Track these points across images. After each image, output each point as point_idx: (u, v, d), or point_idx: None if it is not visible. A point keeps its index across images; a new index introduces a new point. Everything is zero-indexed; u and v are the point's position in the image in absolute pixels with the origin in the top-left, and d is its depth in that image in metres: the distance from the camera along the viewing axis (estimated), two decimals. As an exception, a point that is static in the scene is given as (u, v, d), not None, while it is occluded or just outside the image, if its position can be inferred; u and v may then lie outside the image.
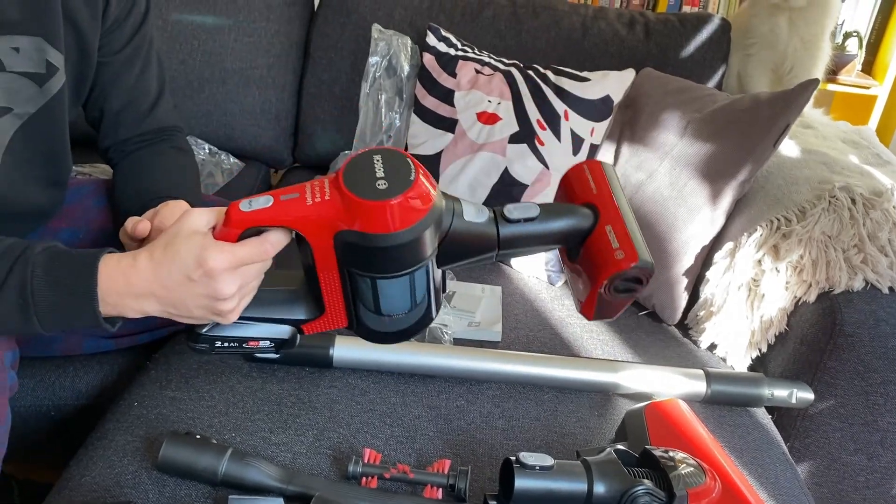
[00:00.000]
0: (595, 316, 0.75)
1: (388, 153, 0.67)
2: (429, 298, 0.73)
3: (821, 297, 1.07)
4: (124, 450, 0.84)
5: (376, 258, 0.66)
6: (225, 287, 0.68)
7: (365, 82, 1.50)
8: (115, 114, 1.03)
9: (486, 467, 0.88)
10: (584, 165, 0.78)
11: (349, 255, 0.66)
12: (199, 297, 0.69)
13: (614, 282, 0.70)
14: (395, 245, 0.64)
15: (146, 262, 0.70)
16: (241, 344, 0.75)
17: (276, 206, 0.67)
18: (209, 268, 0.67)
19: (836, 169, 1.21)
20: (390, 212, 0.63)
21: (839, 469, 1.11)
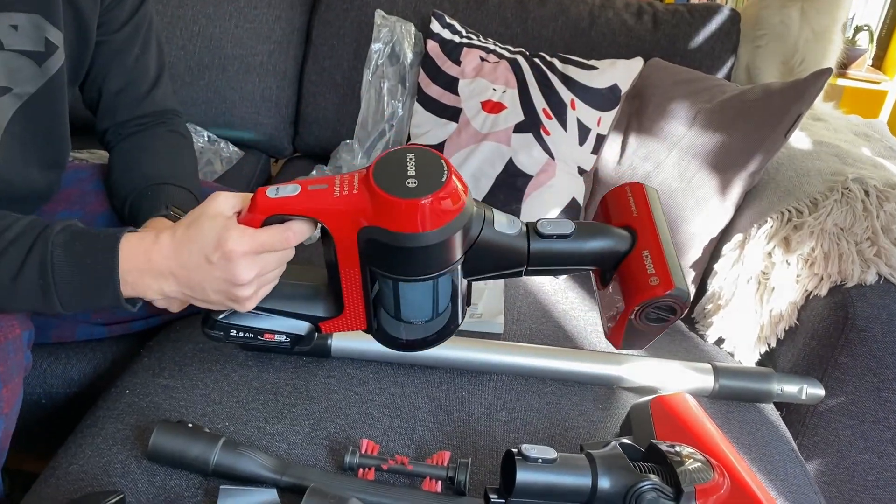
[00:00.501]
0: (623, 344, 0.73)
1: (421, 152, 0.64)
2: (453, 309, 0.70)
3: (832, 291, 1.05)
4: (114, 438, 0.82)
5: (400, 259, 0.63)
6: (243, 272, 0.66)
7: (367, 70, 1.47)
8: (113, 95, 1.00)
9: (486, 460, 0.85)
10: (627, 187, 0.75)
11: (373, 253, 0.64)
12: (216, 280, 0.67)
13: (646, 309, 0.68)
14: (421, 247, 0.62)
15: (168, 240, 0.69)
16: (257, 336, 0.72)
17: (303, 195, 0.65)
18: (228, 249, 0.65)
19: (848, 161, 1.18)
20: (419, 211, 0.60)
21: (848, 467, 1.08)
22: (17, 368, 0.78)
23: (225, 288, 0.67)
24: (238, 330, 0.72)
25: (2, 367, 0.76)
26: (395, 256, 0.63)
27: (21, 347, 0.79)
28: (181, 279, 0.69)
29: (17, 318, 0.78)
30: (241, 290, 0.67)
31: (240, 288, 0.67)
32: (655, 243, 0.69)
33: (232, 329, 0.72)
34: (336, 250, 0.66)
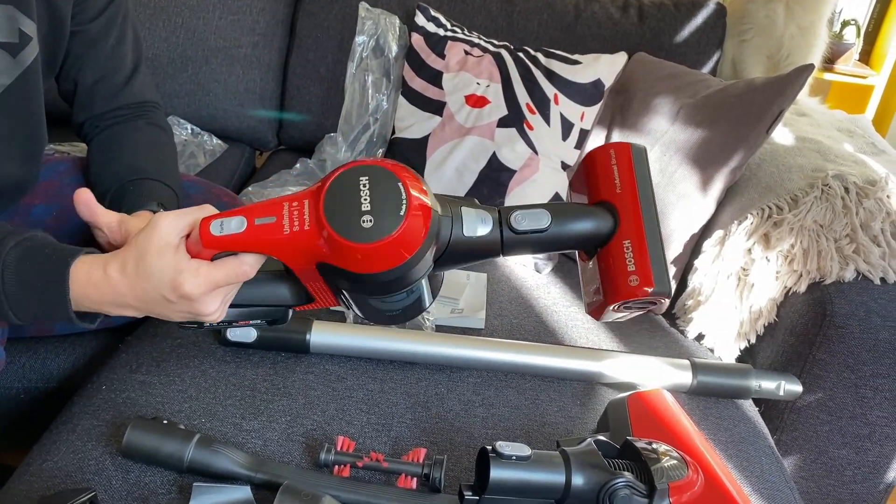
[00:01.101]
0: (603, 319, 0.71)
1: (376, 173, 0.60)
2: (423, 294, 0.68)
3: (811, 288, 1.05)
4: (89, 434, 0.82)
5: (364, 287, 0.62)
6: (205, 307, 0.66)
7: (351, 63, 1.46)
8: (89, 86, 0.99)
9: (463, 456, 0.85)
10: (612, 150, 0.70)
11: (335, 279, 0.62)
12: (180, 312, 0.68)
13: (626, 303, 0.67)
14: (381, 280, 0.60)
15: (118, 275, 0.67)
16: (231, 322, 0.72)
17: (250, 232, 0.62)
18: (185, 293, 0.64)
19: (829, 157, 1.18)
20: (378, 254, 0.57)
21: (826, 463, 1.09)
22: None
23: (190, 315, 0.68)
24: (209, 323, 0.71)
25: None
26: (360, 284, 0.61)
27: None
28: (141, 308, 0.69)
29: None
30: (206, 316, 0.68)
31: (205, 316, 0.68)
32: (638, 231, 0.65)
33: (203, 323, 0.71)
34: (296, 275, 0.65)
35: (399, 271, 0.59)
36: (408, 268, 0.59)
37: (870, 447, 1.06)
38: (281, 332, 0.97)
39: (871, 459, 1.07)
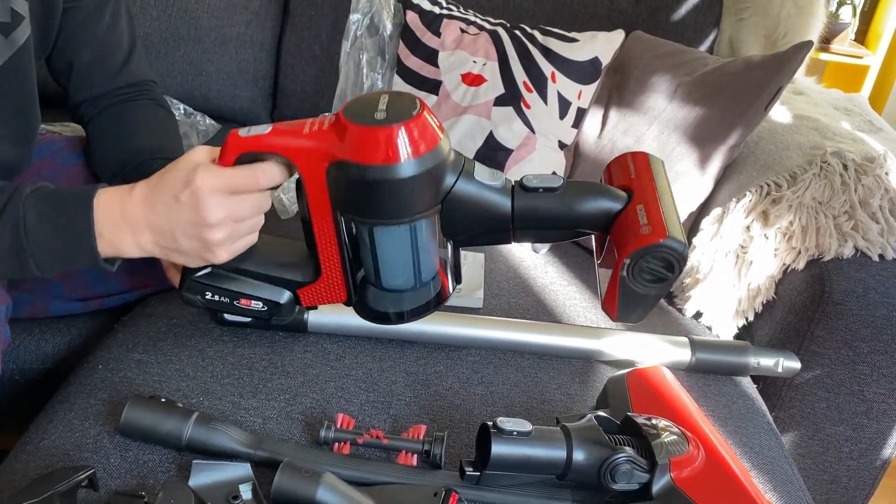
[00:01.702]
0: (619, 313, 0.68)
1: (396, 94, 0.63)
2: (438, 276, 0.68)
3: (810, 265, 1.05)
4: (86, 413, 0.81)
5: (369, 197, 0.61)
6: (211, 211, 0.65)
7: (346, 41, 1.45)
8: (86, 66, 0.98)
9: (463, 433, 0.85)
10: (629, 155, 0.72)
11: (343, 193, 0.63)
12: (186, 224, 0.66)
13: (639, 262, 0.63)
14: (390, 180, 0.60)
15: (142, 188, 0.68)
16: (233, 300, 0.71)
17: (273, 133, 0.64)
18: (195, 186, 0.64)
19: (828, 135, 1.18)
20: (386, 139, 0.59)
21: (823, 439, 1.09)
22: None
23: (195, 232, 0.66)
24: (214, 292, 0.71)
25: None
26: (365, 194, 0.61)
27: (1, 321, 0.78)
28: (154, 227, 0.68)
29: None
30: (211, 233, 0.66)
31: (209, 230, 0.66)
32: (652, 198, 0.65)
33: (207, 291, 0.71)
34: (307, 196, 0.65)
35: (406, 168, 0.59)
36: (410, 171, 0.60)
37: (867, 423, 1.06)
38: (278, 311, 0.96)
39: (867, 436, 1.07)
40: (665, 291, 0.66)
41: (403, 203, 0.62)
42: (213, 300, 0.71)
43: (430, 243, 0.65)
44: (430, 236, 0.65)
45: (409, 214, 0.62)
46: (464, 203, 0.64)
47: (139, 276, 1.03)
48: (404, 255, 0.65)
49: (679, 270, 0.63)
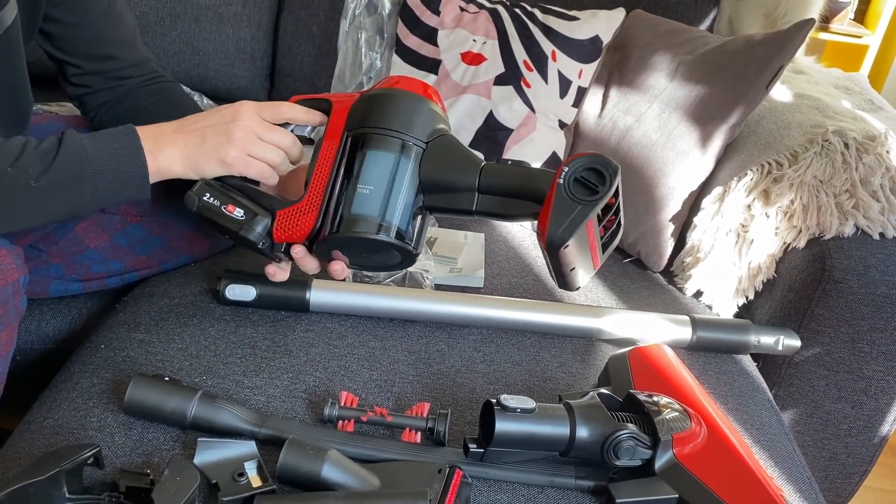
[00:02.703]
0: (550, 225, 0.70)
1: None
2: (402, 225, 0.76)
3: (810, 243, 1.05)
4: (90, 392, 0.81)
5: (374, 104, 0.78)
6: (244, 115, 0.80)
7: (344, 20, 1.44)
8: (91, 48, 0.96)
9: (465, 411, 0.85)
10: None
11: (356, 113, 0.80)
12: (218, 123, 0.80)
13: (576, 169, 0.70)
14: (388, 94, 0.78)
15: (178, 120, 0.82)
16: (222, 205, 0.81)
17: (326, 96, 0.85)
18: (238, 104, 0.81)
19: (828, 113, 1.18)
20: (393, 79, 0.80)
21: (822, 417, 1.10)
22: (14, 312, 0.78)
23: (223, 128, 0.79)
24: (212, 195, 0.81)
25: (1, 310, 0.75)
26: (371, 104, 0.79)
27: (19, 291, 0.78)
28: (188, 132, 0.80)
29: (15, 261, 0.78)
30: (236, 128, 0.79)
31: (236, 125, 0.79)
32: None
33: (207, 192, 0.81)
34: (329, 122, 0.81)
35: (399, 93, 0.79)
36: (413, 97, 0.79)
37: (865, 401, 1.07)
38: (280, 290, 0.96)
39: (866, 413, 1.08)
40: (591, 210, 0.70)
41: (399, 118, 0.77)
42: (207, 202, 0.81)
43: (405, 185, 0.76)
44: (409, 178, 0.77)
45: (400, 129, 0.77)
46: (445, 150, 0.77)
47: (139, 256, 1.03)
48: (381, 182, 0.76)
49: (609, 185, 0.70)
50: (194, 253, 1.07)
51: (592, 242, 0.74)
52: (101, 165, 0.76)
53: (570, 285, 0.79)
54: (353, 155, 0.78)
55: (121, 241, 1.01)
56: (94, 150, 0.76)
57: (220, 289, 0.95)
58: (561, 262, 0.74)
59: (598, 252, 0.76)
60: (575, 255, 0.74)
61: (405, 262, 0.81)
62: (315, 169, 0.79)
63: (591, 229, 0.72)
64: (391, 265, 0.82)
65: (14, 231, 0.79)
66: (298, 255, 0.83)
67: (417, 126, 0.77)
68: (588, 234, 0.72)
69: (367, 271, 0.85)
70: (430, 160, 0.77)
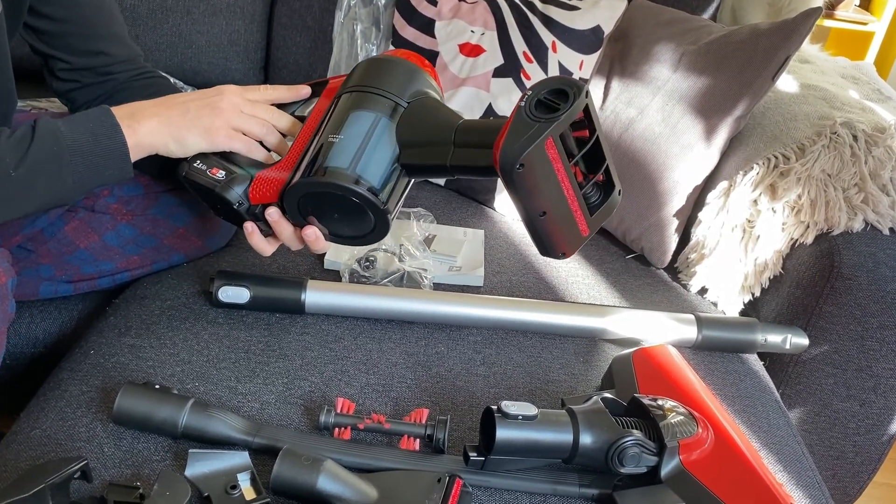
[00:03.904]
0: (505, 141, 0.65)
1: None
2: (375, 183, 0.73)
3: (819, 239, 1.03)
4: (78, 401, 0.79)
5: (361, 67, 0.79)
6: (228, 92, 0.81)
7: (339, 11, 1.40)
8: (81, 43, 0.93)
9: (466, 416, 0.83)
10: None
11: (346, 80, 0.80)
12: (201, 99, 0.80)
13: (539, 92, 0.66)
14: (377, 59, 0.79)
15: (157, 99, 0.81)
16: (208, 168, 0.81)
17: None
18: (222, 86, 0.81)
19: (836, 104, 1.15)
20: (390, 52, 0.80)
21: (830, 415, 1.08)
22: (3, 317, 0.76)
23: (206, 104, 0.79)
24: (202, 161, 0.81)
25: None
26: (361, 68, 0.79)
27: (6, 295, 0.76)
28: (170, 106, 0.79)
29: (2, 264, 0.75)
30: (220, 100, 0.79)
31: (220, 100, 0.79)
32: None
33: (198, 159, 0.81)
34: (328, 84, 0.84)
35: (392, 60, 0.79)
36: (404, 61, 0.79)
37: (874, 399, 1.05)
38: (275, 291, 0.93)
39: (875, 412, 1.06)
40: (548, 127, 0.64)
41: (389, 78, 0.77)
42: (195, 166, 0.81)
43: (381, 141, 0.74)
44: (386, 135, 0.75)
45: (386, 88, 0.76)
46: (425, 109, 0.76)
47: (131, 256, 1.00)
48: (357, 136, 0.74)
49: (572, 101, 0.65)
50: (186, 252, 1.04)
51: (564, 181, 0.67)
52: (78, 146, 0.75)
53: (549, 244, 0.72)
54: (336, 112, 0.78)
55: (111, 241, 0.98)
56: (69, 131, 0.75)
57: (213, 291, 0.93)
58: (523, 198, 0.67)
59: (580, 210, 0.69)
60: (539, 189, 0.66)
61: (378, 228, 0.77)
62: (300, 133, 0.81)
63: (555, 159, 0.65)
64: (365, 235, 0.78)
65: (1, 224, 0.78)
66: (273, 218, 0.80)
67: (401, 86, 0.77)
68: (552, 163, 0.65)
69: (342, 243, 0.80)
70: (409, 118, 0.76)
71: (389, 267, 1.03)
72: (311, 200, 0.76)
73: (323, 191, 0.74)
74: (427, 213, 1.16)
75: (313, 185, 0.74)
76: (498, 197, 1.29)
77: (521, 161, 0.64)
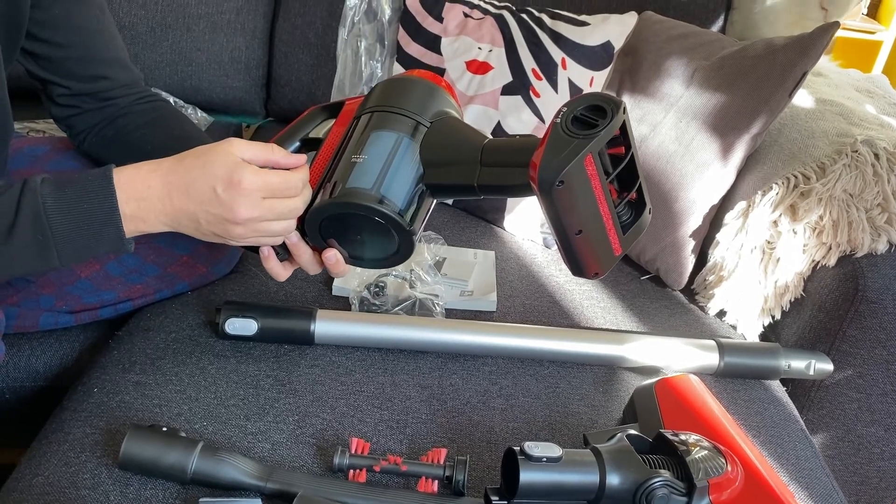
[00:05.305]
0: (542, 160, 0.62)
1: None
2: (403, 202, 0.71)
3: (841, 261, 1.00)
4: (82, 444, 0.75)
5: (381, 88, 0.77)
6: (244, 209, 0.68)
7: (342, 28, 1.38)
8: (80, 68, 0.90)
9: (484, 453, 0.80)
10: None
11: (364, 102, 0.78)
12: (216, 216, 0.69)
13: (574, 109, 0.64)
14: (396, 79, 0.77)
15: (171, 168, 0.69)
16: None
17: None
18: (238, 183, 0.67)
19: (854, 120, 1.12)
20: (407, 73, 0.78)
21: (853, 441, 1.05)
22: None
23: (221, 225, 0.69)
24: None
25: None
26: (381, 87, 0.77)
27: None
28: (181, 210, 0.69)
29: None
30: (235, 228, 0.69)
31: (235, 226, 0.69)
32: None
33: None
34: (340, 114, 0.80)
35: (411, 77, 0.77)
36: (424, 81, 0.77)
37: (899, 424, 1.02)
38: (283, 321, 0.90)
39: (900, 436, 1.03)
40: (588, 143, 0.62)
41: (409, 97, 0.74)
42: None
43: (405, 161, 0.72)
44: (410, 155, 0.72)
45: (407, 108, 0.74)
46: (448, 128, 0.74)
47: (134, 285, 0.97)
48: (380, 156, 0.71)
49: (611, 118, 0.63)
50: (191, 280, 1.01)
51: (600, 198, 0.65)
52: (66, 232, 0.67)
53: (583, 264, 0.70)
54: (357, 133, 0.75)
55: (113, 271, 0.95)
56: (56, 214, 0.66)
57: (220, 323, 0.89)
58: (561, 216, 0.65)
59: (614, 228, 0.68)
60: (577, 206, 0.65)
61: (403, 250, 0.74)
62: (318, 155, 0.78)
63: (593, 175, 0.64)
64: (388, 256, 0.76)
65: None
66: (291, 241, 0.77)
67: (422, 105, 0.75)
68: (590, 181, 0.64)
69: (364, 266, 0.78)
70: (432, 138, 0.73)
71: (400, 293, 1.00)
72: (334, 223, 0.73)
73: (346, 212, 0.71)
74: (437, 237, 1.13)
75: (337, 207, 0.71)
76: (508, 216, 1.26)
77: (561, 178, 0.62)
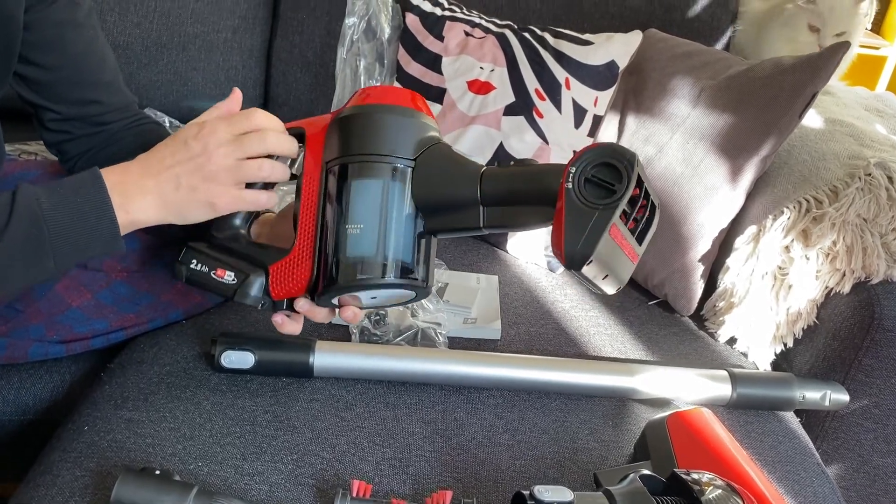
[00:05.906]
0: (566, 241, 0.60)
1: None
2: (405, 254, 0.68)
3: (856, 288, 0.97)
4: (71, 488, 0.72)
5: (346, 127, 0.69)
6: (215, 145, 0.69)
7: (341, 47, 1.35)
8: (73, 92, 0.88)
9: (491, 494, 0.77)
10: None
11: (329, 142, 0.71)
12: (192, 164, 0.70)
13: (585, 168, 0.61)
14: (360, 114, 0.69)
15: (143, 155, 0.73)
16: (211, 270, 0.75)
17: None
18: (201, 122, 0.71)
19: (865, 142, 1.10)
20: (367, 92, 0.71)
21: (869, 472, 1.02)
22: None
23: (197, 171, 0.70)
24: (199, 261, 0.76)
25: None
26: (349, 129, 0.69)
27: None
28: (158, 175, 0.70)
29: None
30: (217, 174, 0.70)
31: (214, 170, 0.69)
32: None
33: (194, 258, 0.76)
34: (305, 154, 0.73)
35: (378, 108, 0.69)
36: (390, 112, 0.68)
37: (917, 455, 0.99)
38: (281, 354, 0.87)
39: (917, 467, 1.00)
40: (611, 216, 0.59)
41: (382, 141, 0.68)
42: (195, 269, 0.75)
43: (399, 214, 0.68)
44: (402, 205, 0.68)
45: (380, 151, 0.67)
46: (437, 164, 0.68)
47: (126, 314, 0.94)
48: (372, 217, 0.68)
49: (627, 181, 0.60)
50: (185, 308, 0.98)
51: (622, 243, 0.64)
52: (62, 229, 0.68)
53: (607, 291, 0.69)
54: (337, 189, 0.69)
55: (105, 300, 0.92)
56: (51, 210, 0.67)
57: (216, 356, 0.86)
58: (589, 277, 0.64)
59: (632, 248, 0.66)
60: (603, 264, 0.63)
61: (419, 295, 0.73)
62: (300, 210, 0.72)
63: (616, 234, 0.62)
64: (406, 300, 0.75)
65: None
66: (304, 309, 0.74)
67: (399, 142, 0.68)
68: (614, 240, 0.62)
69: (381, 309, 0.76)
70: (421, 177, 0.68)
71: (402, 323, 0.97)
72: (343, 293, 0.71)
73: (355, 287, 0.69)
74: (439, 262, 1.10)
75: (348, 289, 0.69)
76: (510, 239, 1.23)
77: (592, 258, 0.60)
